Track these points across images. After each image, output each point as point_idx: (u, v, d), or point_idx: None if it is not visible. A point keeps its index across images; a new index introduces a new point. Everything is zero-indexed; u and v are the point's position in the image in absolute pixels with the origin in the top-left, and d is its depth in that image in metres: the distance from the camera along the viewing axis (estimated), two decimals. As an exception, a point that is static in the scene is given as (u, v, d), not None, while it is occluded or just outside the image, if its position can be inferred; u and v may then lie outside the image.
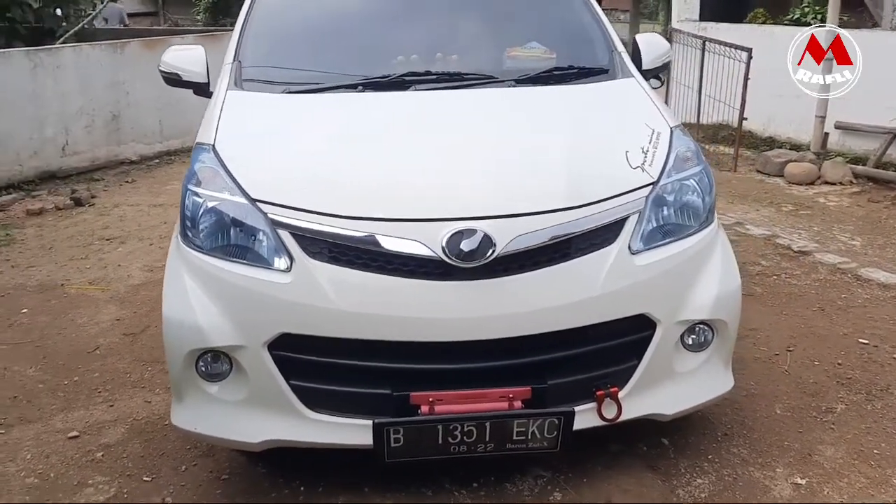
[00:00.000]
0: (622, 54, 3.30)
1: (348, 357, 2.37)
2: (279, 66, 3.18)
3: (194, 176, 2.55)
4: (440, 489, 2.62)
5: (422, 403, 2.35)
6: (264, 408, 2.43)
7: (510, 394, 2.38)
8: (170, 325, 2.43)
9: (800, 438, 2.94)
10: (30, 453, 2.88)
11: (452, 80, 3.07)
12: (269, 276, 2.34)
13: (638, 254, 2.46)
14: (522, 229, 2.32)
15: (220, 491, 2.64)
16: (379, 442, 2.33)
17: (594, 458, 2.77)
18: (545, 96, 3.02)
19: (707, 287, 2.56)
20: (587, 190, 2.44)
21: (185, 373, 2.44)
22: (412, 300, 2.30)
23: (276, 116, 2.87)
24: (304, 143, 2.67)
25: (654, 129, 2.75)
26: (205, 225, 2.46)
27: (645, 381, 2.53)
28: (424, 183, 2.47)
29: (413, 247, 2.28)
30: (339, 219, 2.32)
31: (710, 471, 2.74)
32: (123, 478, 2.72)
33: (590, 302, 2.39)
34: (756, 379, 3.38)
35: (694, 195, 2.63)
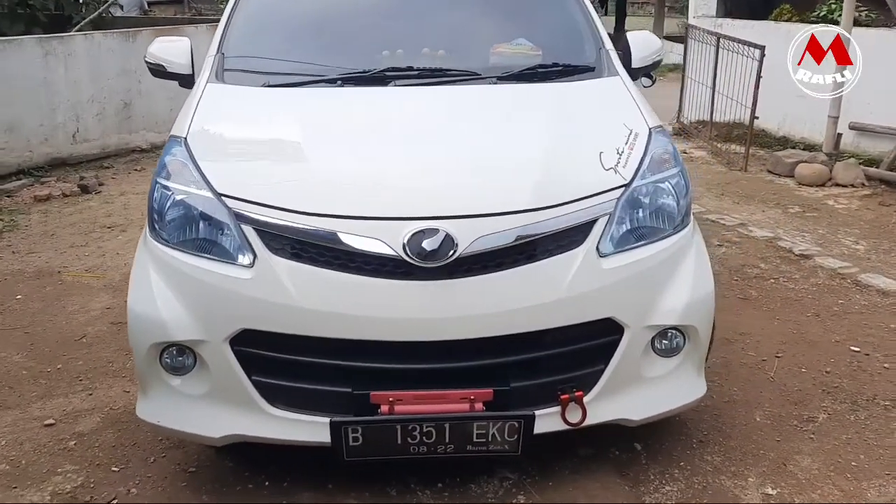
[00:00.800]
0: (610, 52, 3.25)
1: (309, 354, 2.36)
2: (261, 59, 3.17)
3: (164, 168, 2.55)
4: (405, 489, 2.60)
5: (381, 403, 2.34)
6: (226, 402, 2.43)
7: (471, 395, 2.36)
8: (134, 318, 2.44)
9: (776, 447, 2.88)
10: (4, 440, 2.91)
11: (434, 76, 3.05)
12: (230, 272, 2.34)
13: (607, 256, 2.42)
14: (486, 230, 2.30)
15: (185, 484, 2.65)
16: (337, 441, 2.33)
17: (562, 461, 2.74)
18: (524, 94, 2.98)
19: (678, 292, 2.51)
20: (555, 191, 2.41)
21: (149, 365, 2.45)
22: (373, 299, 2.29)
23: (252, 110, 2.87)
24: (275, 138, 2.66)
25: (631, 130, 2.70)
26: (171, 218, 2.46)
27: (612, 386, 2.50)
28: (389, 181, 2.45)
29: (374, 245, 2.27)
30: (302, 215, 2.31)
31: (680, 478, 2.70)
32: (93, 467, 2.74)
33: (554, 304, 2.36)
34: (739, 385, 3.32)
35: (668, 198, 2.58)
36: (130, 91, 7.80)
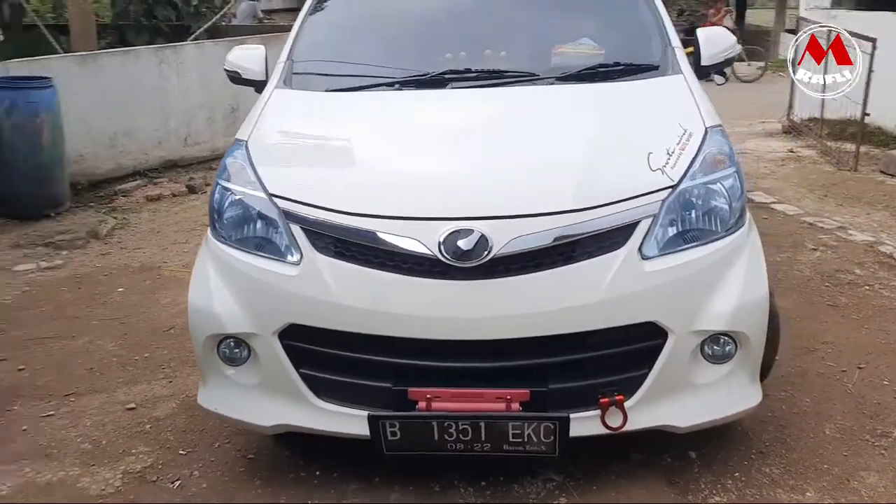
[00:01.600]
0: (676, 50, 3.17)
1: (351, 350, 2.44)
2: (326, 64, 3.30)
3: (225, 170, 2.70)
4: (448, 485, 2.64)
5: (419, 399, 2.39)
6: (276, 393, 2.54)
7: (507, 395, 2.37)
8: (193, 311, 2.59)
9: (842, 462, 2.74)
10: (90, 421, 3.16)
11: (492, 78, 3.07)
12: (279, 269, 2.45)
13: (650, 259, 2.38)
14: (521, 231, 2.31)
15: (243, 469, 2.79)
16: (376, 434, 2.39)
17: (610, 465, 2.71)
18: (579, 95, 2.97)
19: (727, 296, 2.43)
20: (596, 192, 2.39)
21: (207, 356, 2.60)
22: (410, 297, 2.34)
23: (311, 114, 2.99)
24: (328, 141, 2.77)
25: (686, 130, 2.64)
26: (228, 217, 2.61)
27: (656, 391, 2.45)
28: (430, 182, 2.50)
29: (411, 244, 2.32)
30: (344, 215, 2.39)
31: (732, 489, 2.61)
32: (163, 449, 2.93)
33: (593, 307, 2.34)
34: (813, 396, 3.17)
35: (720, 200, 2.51)
36: (238, 96, 8.15)
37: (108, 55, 7.46)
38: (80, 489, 2.70)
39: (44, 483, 2.74)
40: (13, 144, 5.98)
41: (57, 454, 2.92)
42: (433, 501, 2.58)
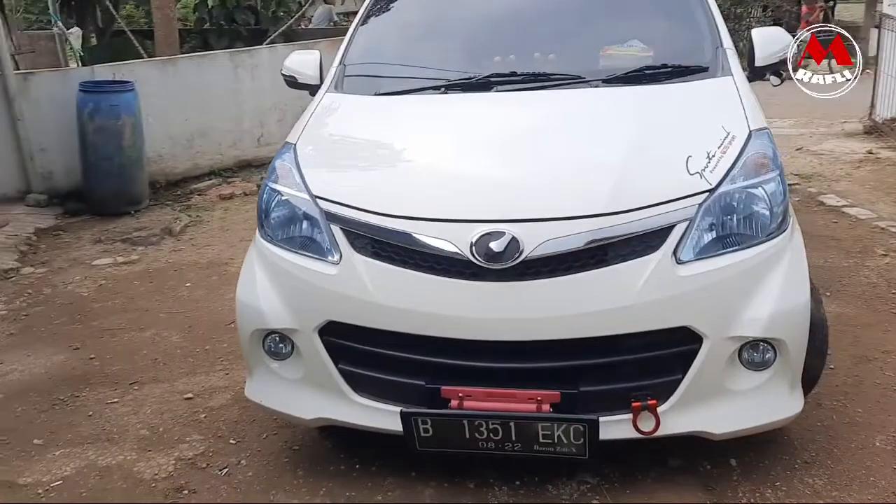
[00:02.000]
0: (727, 51, 3.13)
1: (386, 347, 2.51)
2: (378, 68, 3.38)
3: (273, 172, 2.81)
4: (483, 482, 2.68)
5: (452, 398, 2.44)
6: (317, 387, 2.63)
7: (538, 396, 2.40)
8: (240, 307, 2.71)
9: (890, 476, 2.65)
10: (150, 409, 3.33)
11: (537, 81, 3.10)
12: (319, 268, 2.54)
13: (686, 263, 2.37)
14: (553, 234, 2.33)
15: (287, 460, 2.89)
16: (408, 430, 2.46)
17: (647, 470, 2.70)
18: (624, 97, 2.96)
19: (764, 303, 2.39)
20: (631, 196, 2.39)
21: (253, 350, 2.71)
22: (443, 298, 2.39)
23: (359, 118, 3.07)
24: (372, 144, 2.85)
25: (729, 133, 2.61)
26: (274, 217, 2.71)
27: (691, 397, 2.43)
28: (466, 185, 2.55)
29: (444, 245, 2.37)
30: (381, 216, 2.46)
31: (772, 499, 2.57)
32: (214, 438, 3.07)
33: (625, 310, 2.34)
34: (867, 406, 3.07)
35: (760, 204, 2.47)
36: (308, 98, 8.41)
37: (186, 59, 7.79)
38: (136, 473, 2.86)
39: (103, 466, 2.91)
40: (96, 145, 6.32)
41: (118, 439, 3.10)
42: (467, 499, 2.62)
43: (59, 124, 6.57)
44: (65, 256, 5.52)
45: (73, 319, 4.36)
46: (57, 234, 6.04)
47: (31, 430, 3.19)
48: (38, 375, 3.68)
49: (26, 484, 2.82)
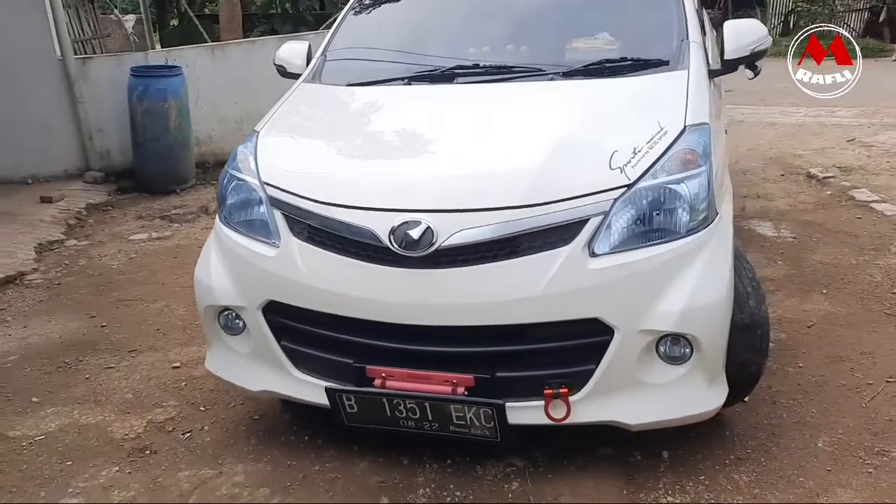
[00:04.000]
0: (692, 44, 3.11)
1: (320, 327, 2.65)
2: (356, 60, 3.50)
3: (234, 158, 2.99)
4: (417, 460, 2.80)
5: (376, 377, 2.57)
6: (263, 362, 2.81)
7: (454, 379, 2.50)
8: (196, 285, 2.92)
9: (821, 477, 2.63)
10: (140, 375, 3.60)
11: (500, 73, 3.16)
12: (262, 250, 2.70)
13: (599, 257, 2.42)
14: (466, 224, 2.42)
15: (245, 428, 3.09)
16: (335, 406, 2.61)
17: (576, 458, 2.76)
18: (572, 91, 3.00)
19: (676, 298, 2.42)
20: (544, 190, 2.45)
21: (210, 325, 2.91)
22: (367, 282, 2.52)
23: (323, 108, 3.22)
24: (325, 133, 2.99)
25: (663, 128, 2.62)
26: (230, 202, 2.89)
27: (604, 387, 2.48)
28: (394, 175, 2.66)
29: (366, 233, 2.49)
30: (313, 202, 2.60)
31: (690, 492, 2.60)
32: (187, 405, 3.30)
33: (533, 300, 2.41)
34: (822, 407, 3.03)
35: (678, 200, 2.49)
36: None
37: (235, 45, 8.11)
38: (109, 432, 3.12)
39: (83, 424, 3.18)
40: (145, 127, 6.71)
41: (104, 401, 3.37)
42: (397, 474, 2.75)
43: (115, 106, 7.01)
44: (107, 231, 5.93)
45: (97, 290, 4.70)
46: (106, 210, 6.47)
47: (32, 390, 3.50)
48: (53, 340, 4.02)
49: (14, 437, 3.12)
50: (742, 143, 7.46)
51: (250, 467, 2.84)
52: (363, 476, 2.75)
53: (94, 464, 2.91)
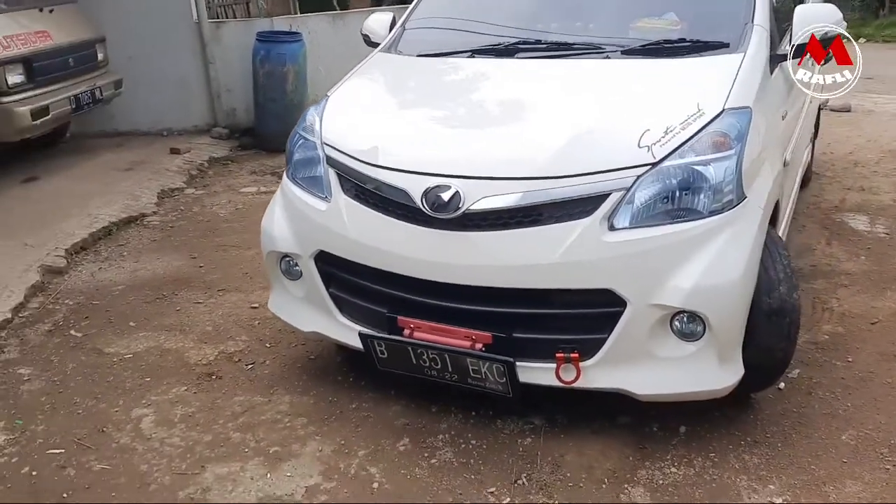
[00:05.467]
0: (756, 27, 3.09)
1: (361, 277, 2.90)
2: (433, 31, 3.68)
3: (304, 120, 3.27)
4: (444, 409, 3.01)
5: (405, 327, 2.79)
6: (313, 306, 3.10)
7: (473, 335, 2.68)
8: (262, 233, 3.22)
9: (834, 468, 2.63)
10: (222, 311, 3.99)
11: (560, 50, 3.27)
12: (316, 204, 2.97)
13: (618, 231, 2.52)
14: (492, 191, 2.58)
15: (301, 366, 3.41)
16: (368, 350, 2.86)
17: (593, 422, 2.88)
18: (622, 70, 3.07)
19: (689, 276, 2.49)
20: (568, 163, 2.57)
21: (272, 269, 3.22)
22: (400, 239, 2.73)
23: (389, 76, 3.44)
24: (385, 99, 3.22)
25: (700, 109, 2.68)
26: (296, 159, 3.17)
27: (614, 356, 2.60)
28: (433, 141, 2.85)
29: (401, 194, 2.71)
30: (360, 163, 2.84)
31: (696, 465, 2.67)
32: (256, 341, 3.65)
33: (549, 268, 2.55)
34: (859, 403, 3.00)
35: (703, 181, 2.54)
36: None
37: (353, 14, 8.44)
38: (185, 357, 3.51)
39: (166, 348, 3.60)
40: (265, 88, 7.18)
41: (188, 331, 3.79)
42: (424, 420, 2.97)
43: (242, 68, 7.52)
44: (223, 182, 6.44)
45: (202, 234, 5.18)
46: (225, 164, 7.01)
47: (131, 315, 3.97)
48: (157, 275, 4.50)
49: (108, 353, 3.58)
50: (863, 134, 7.10)
51: (296, 399, 3.15)
52: (393, 417, 2.99)
53: (167, 382, 3.30)
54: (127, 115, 7.52)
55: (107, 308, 4.06)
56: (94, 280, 4.43)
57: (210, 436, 2.92)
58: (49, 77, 6.08)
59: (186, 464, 2.77)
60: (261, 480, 2.66)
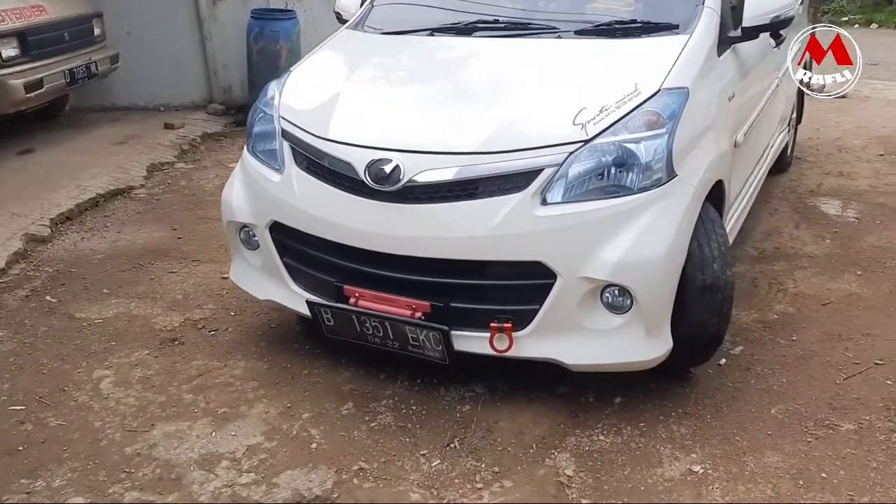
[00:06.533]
0: (706, 10, 3.15)
1: (311, 248, 3.00)
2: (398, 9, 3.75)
3: (265, 94, 3.36)
4: (392, 375, 3.12)
5: (351, 296, 2.90)
6: (269, 274, 3.20)
7: (413, 305, 2.78)
8: (223, 203, 3.33)
9: (759, 440, 2.72)
10: (193, 280, 4.11)
11: (516, 29, 3.33)
12: (270, 175, 3.07)
13: (550, 205, 2.60)
14: (430, 165, 2.67)
15: (261, 334, 3.52)
16: (315, 318, 2.97)
17: (532, 392, 2.98)
18: (570, 49, 3.15)
19: (615, 250, 2.57)
20: (504, 139, 2.66)
21: (233, 239, 3.33)
22: (345, 210, 2.84)
23: (349, 53, 3.52)
24: (340, 76, 3.30)
25: (637, 89, 2.75)
26: (255, 132, 3.27)
27: (546, 327, 2.69)
28: (379, 117, 2.94)
29: (346, 167, 2.80)
30: (310, 135, 2.94)
31: (624, 434, 2.77)
32: (222, 309, 3.76)
33: (483, 240, 2.64)
34: (794, 378, 3.07)
35: (633, 158, 2.62)
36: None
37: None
38: (152, 323, 3.64)
39: (134, 315, 3.73)
40: (259, 65, 7.27)
41: (158, 298, 3.91)
42: (371, 385, 3.08)
43: (238, 45, 7.61)
44: (213, 157, 6.55)
45: (186, 207, 5.30)
46: (218, 140, 7.11)
47: (106, 282, 4.10)
48: (137, 245, 4.62)
49: (79, 318, 3.71)
50: (854, 120, 7.08)
51: (251, 364, 3.27)
52: (341, 383, 3.11)
53: (131, 346, 3.43)
54: (125, 90, 7.64)
55: (84, 276, 4.20)
56: (76, 249, 4.57)
57: (164, 397, 3.05)
58: (43, 51, 6.19)
59: (138, 422, 2.90)
60: (205, 439, 2.79)
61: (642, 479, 2.56)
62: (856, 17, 13.92)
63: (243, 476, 2.60)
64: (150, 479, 2.60)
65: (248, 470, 2.63)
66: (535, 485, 2.54)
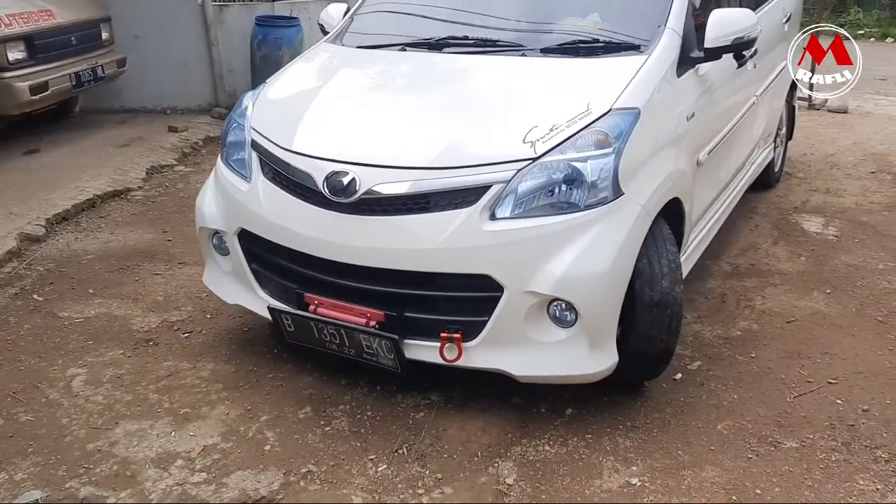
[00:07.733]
0: (668, 30, 3.20)
1: (274, 255, 3.10)
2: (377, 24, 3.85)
3: (239, 105, 3.47)
4: (353, 381, 3.21)
5: (311, 303, 2.99)
6: (238, 280, 3.31)
7: (368, 313, 2.87)
8: (196, 209, 3.44)
9: (700, 455, 2.77)
10: (176, 283, 4.23)
11: (485, 46, 3.41)
12: (239, 184, 3.18)
13: (498, 220, 2.68)
14: (384, 179, 2.76)
15: (232, 337, 3.63)
16: (277, 323, 3.07)
17: (485, 401, 3.06)
18: (531, 68, 3.22)
19: (558, 265, 2.64)
20: (455, 155, 2.75)
21: (206, 244, 3.44)
22: (305, 220, 2.93)
23: (323, 66, 3.62)
24: (313, 88, 3.40)
25: (589, 108, 2.82)
26: (228, 142, 3.39)
27: (494, 338, 2.77)
28: (340, 131, 3.04)
29: (306, 178, 2.90)
30: (276, 147, 3.05)
31: (569, 445, 2.83)
32: (199, 311, 3.87)
33: (433, 252, 2.73)
34: (746, 395, 3.12)
35: (580, 176, 2.69)
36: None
37: (355, 0, 8.62)
38: (129, 323, 3.77)
39: (114, 315, 3.85)
40: (262, 70, 7.38)
41: (140, 300, 4.03)
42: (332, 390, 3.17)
43: (243, 51, 7.77)
44: (213, 161, 6.61)
45: (179, 210, 5.43)
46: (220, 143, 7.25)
47: (93, 283, 4.23)
48: (127, 246, 4.76)
49: (62, 316, 3.84)
50: (851, 136, 7.07)
51: (219, 367, 3.37)
52: (303, 388, 3.20)
53: (107, 346, 3.56)
54: (133, 93, 7.83)
55: (72, 276, 4.33)
56: (68, 249, 4.71)
57: (131, 396, 3.16)
58: (50, 54, 6.37)
59: (103, 420, 3.01)
60: (164, 438, 2.89)
61: (580, 489, 2.63)
62: (872, 31, 13.82)
63: (195, 475, 2.70)
64: (107, 475, 2.71)
65: (200, 469, 2.73)
66: (475, 492, 2.62)
